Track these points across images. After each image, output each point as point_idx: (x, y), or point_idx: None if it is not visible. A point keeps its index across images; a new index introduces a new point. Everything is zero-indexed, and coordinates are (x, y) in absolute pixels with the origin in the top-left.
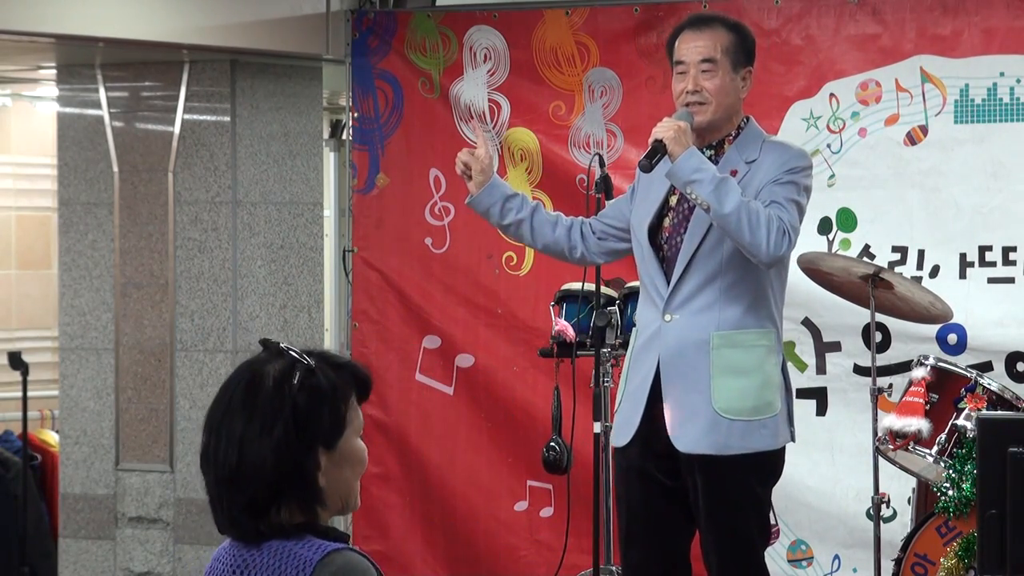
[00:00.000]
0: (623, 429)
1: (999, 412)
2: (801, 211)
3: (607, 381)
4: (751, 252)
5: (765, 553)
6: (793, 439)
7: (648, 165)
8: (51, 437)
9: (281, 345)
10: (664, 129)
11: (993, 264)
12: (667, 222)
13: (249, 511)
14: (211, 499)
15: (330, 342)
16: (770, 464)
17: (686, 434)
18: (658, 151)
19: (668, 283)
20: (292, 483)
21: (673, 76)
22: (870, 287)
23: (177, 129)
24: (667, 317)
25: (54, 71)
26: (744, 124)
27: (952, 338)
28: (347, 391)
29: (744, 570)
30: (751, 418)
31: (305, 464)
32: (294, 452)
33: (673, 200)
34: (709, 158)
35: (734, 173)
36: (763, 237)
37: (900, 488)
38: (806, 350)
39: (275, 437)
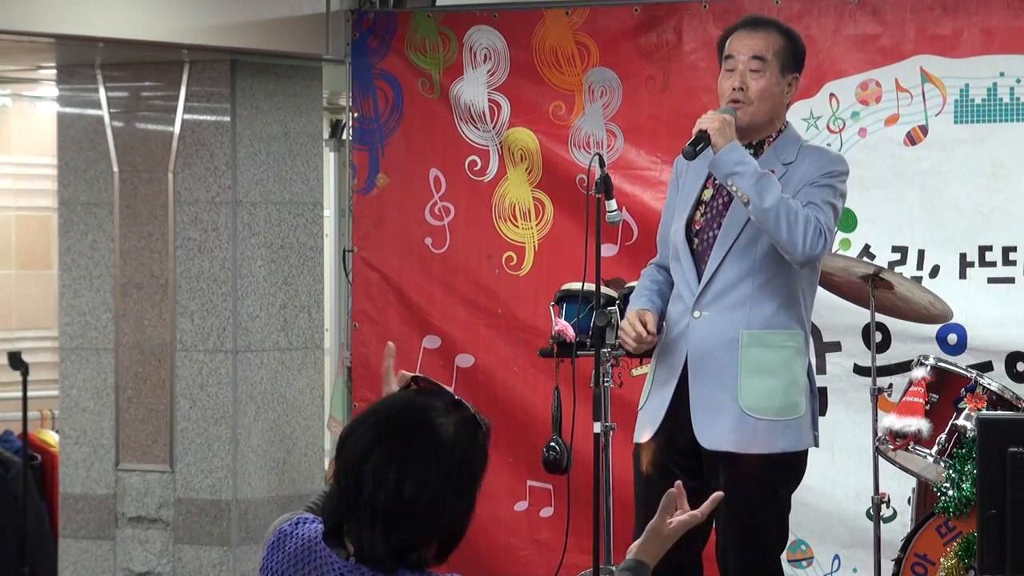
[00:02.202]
0: (647, 425)
1: (999, 412)
2: (837, 214)
3: (607, 381)
4: (786, 250)
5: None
6: (816, 443)
7: (692, 152)
8: (51, 437)
9: (448, 392)
10: (709, 120)
11: (993, 264)
12: (699, 215)
13: (408, 548)
14: (353, 520)
15: (330, 342)
16: (792, 466)
17: (711, 430)
18: (701, 141)
19: (699, 278)
20: (460, 531)
21: (721, 73)
22: (870, 287)
23: (177, 129)
24: (696, 314)
25: (54, 71)
26: (784, 128)
27: (952, 338)
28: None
29: (761, 571)
30: (776, 418)
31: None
32: (474, 506)
33: (707, 195)
34: None
35: (771, 173)
36: (800, 235)
37: (900, 488)
38: None
39: (470, 495)
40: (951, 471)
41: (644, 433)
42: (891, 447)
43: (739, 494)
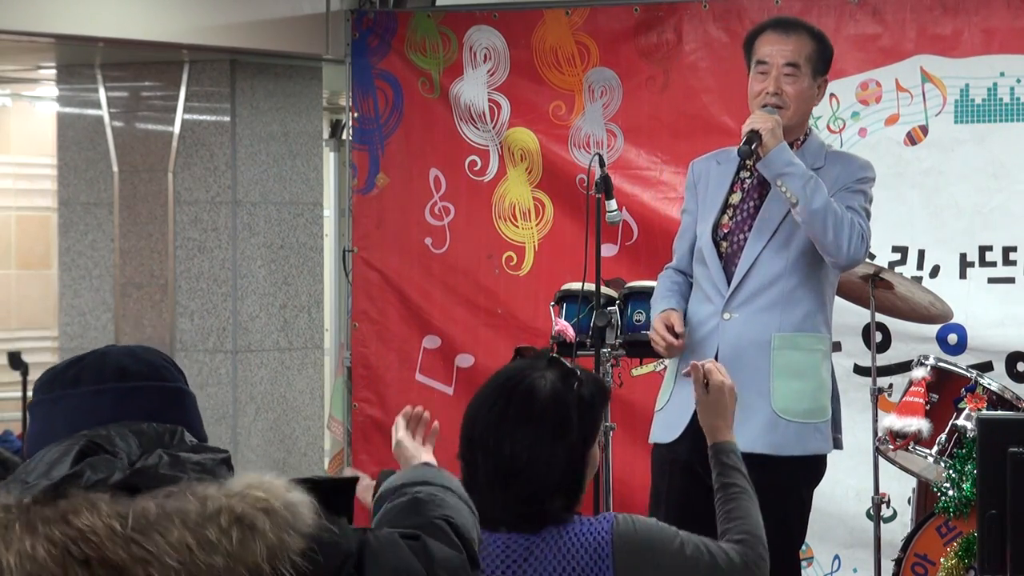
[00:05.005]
0: (672, 425)
1: (999, 412)
2: (869, 219)
3: (607, 381)
4: (830, 252)
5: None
6: (840, 446)
7: (748, 151)
8: None
9: (549, 354)
10: (762, 120)
11: (993, 264)
12: (726, 219)
13: (529, 503)
14: (482, 495)
15: (330, 342)
16: (817, 467)
17: (743, 433)
18: (753, 140)
19: (728, 281)
20: (572, 480)
21: (752, 75)
22: (870, 287)
23: (177, 129)
24: (726, 315)
25: (54, 71)
26: (808, 132)
27: (952, 338)
28: (605, 400)
29: (781, 571)
30: (806, 420)
31: (585, 464)
32: (580, 454)
33: (735, 198)
34: None
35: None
36: (845, 239)
37: (900, 488)
38: None
39: (567, 442)
40: (951, 471)
41: (667, 433)
42: (891, 447)
43: (765, 495)
